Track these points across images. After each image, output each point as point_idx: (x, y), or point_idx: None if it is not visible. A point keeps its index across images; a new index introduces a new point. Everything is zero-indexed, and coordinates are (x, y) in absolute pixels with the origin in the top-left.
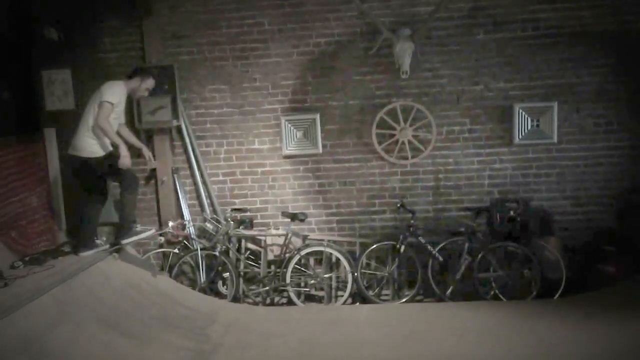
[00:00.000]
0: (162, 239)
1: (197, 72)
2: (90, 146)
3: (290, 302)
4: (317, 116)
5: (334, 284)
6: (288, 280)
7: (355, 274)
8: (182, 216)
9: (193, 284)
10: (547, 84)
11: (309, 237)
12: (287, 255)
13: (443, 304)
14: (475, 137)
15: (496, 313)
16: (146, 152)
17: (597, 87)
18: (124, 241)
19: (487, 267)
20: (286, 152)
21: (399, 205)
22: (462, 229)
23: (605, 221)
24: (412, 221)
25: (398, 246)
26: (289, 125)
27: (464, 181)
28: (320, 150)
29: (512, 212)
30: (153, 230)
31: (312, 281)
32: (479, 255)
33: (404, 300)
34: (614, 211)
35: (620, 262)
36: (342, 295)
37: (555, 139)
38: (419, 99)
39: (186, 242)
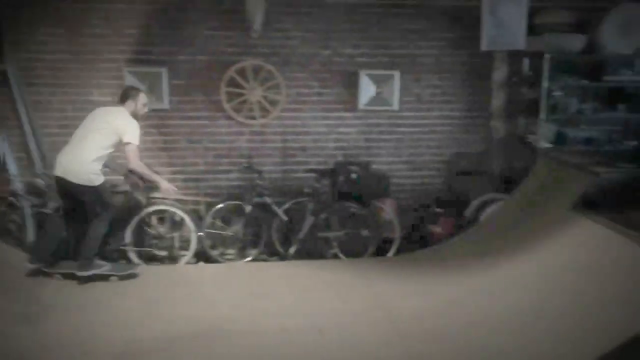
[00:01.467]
0: None
1: (28, 10)
2: (89, 174)
3: (130, 263)
4: (164, 70)
5: (177, 243)
6: (128, 240)
7: (200, 233)
8: (6, 170)
9: (20, 243)
10: (391, 53)
11: (151, 195)
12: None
13: (286, 263)
14: (323, 100)
15: (335, 270)
16: (164, 184)
17: (435, 60)
18: (83, 274)
19: (329, 227)
20: None
21: (245, 165)
22: (307, 190)
23: (436, 185)
24: (258, 181)
25: (244, 206)
26: (133, 77)
27: (311, 143)
28: (166, 105)
29: (353, 175)
30: (110, 266)
31: (155, 241)
32: (322, 216)
33: (248, 259)
34: (442, 175)
35: (446, 222)
36: (185, 255)
37: (396, 106)
38: (270, 59)
39: (12, 199)
